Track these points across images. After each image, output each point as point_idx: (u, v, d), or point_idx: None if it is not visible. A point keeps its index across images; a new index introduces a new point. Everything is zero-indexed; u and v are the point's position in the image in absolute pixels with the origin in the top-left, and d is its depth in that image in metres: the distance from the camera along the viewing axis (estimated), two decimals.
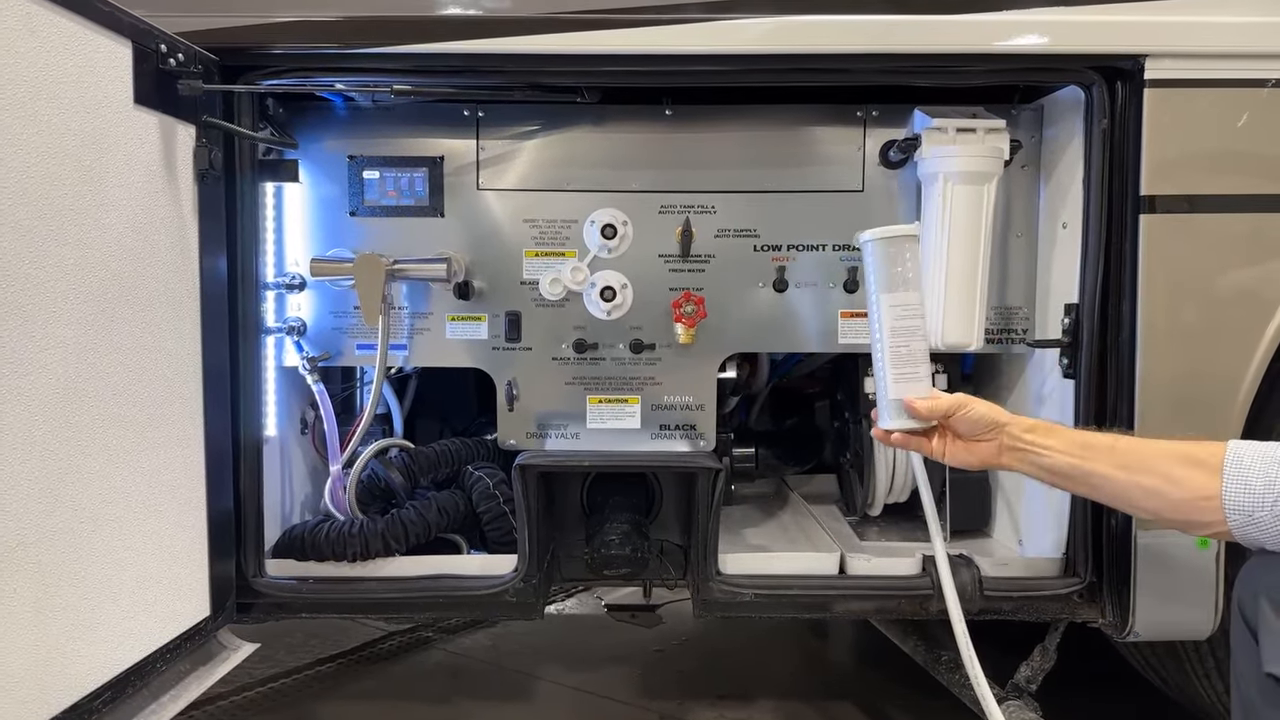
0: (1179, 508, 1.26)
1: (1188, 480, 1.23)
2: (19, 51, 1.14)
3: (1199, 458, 1.24)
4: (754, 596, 1.75)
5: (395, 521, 1.78)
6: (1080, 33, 1.63)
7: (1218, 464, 1.22)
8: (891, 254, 1.46)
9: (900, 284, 1.46)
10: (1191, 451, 1.25)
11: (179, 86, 1.45)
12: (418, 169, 1.80)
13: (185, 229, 1.51)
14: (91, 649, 1.29)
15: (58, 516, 1.21)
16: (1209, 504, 1.22)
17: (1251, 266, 1.65)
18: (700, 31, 1.63)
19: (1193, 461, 1.24)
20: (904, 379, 1.47)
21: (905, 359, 1.47)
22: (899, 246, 1.46)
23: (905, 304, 1.46)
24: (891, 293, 1.47)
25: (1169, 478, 1.25)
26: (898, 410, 1.47)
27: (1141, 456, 1.28)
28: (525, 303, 1.81)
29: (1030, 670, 1.87)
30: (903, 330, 1.47)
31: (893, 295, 1.47)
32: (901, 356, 1.47)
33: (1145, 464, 1.27)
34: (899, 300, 1.47)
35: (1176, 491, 1.25)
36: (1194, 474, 1.23)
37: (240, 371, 1.65)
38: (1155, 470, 1.26)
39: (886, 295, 1.47)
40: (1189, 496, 1.24)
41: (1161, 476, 1.25)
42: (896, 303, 1.47)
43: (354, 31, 1.62)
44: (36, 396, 1.16)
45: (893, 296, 1.47)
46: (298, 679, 2.43)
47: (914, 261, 1.47)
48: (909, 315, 1.47)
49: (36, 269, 1.16)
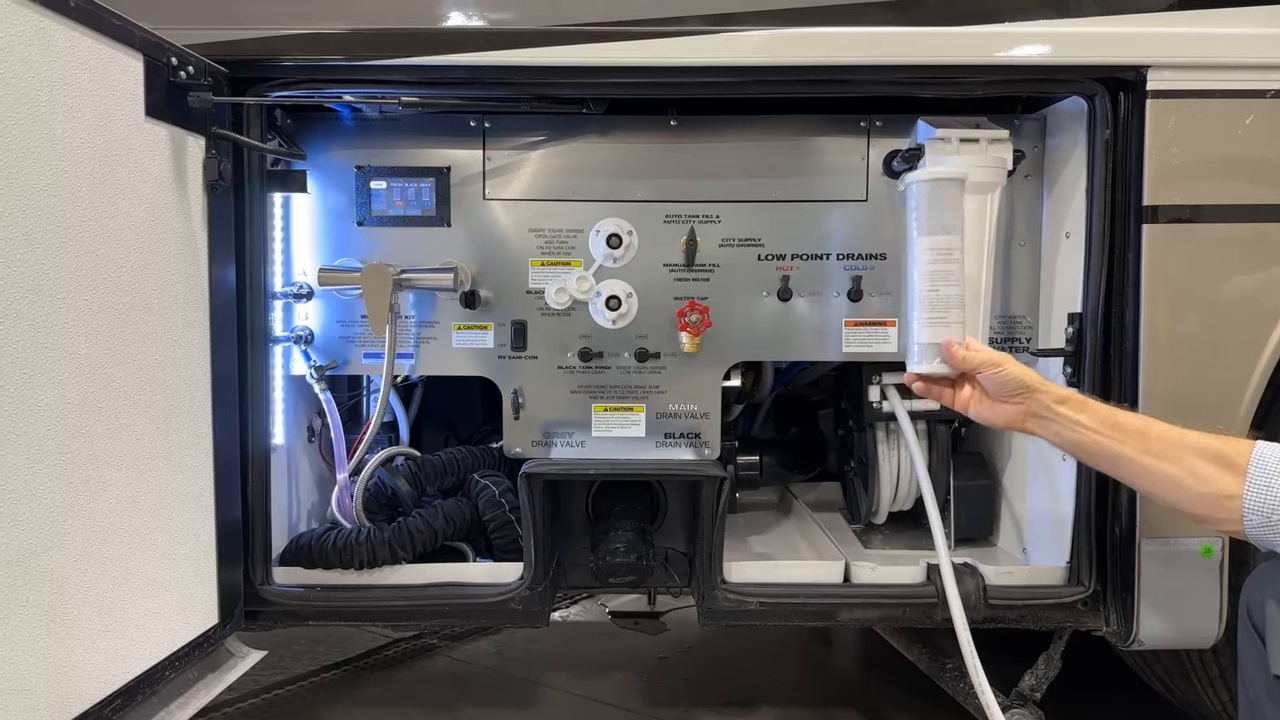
0: (1199, 502, 1.26)
1: (1212, 477, 1.24)
2: (33, 65, 1.15)
3: (1227, 455, 1.24)
4: (759, 605, 1.75)
5: (402, 529, 1.79)
6: (1083, 44, 1.65)
7: (1243, 465, 1.22)
8: (935, 196, 1.44)
9: (940, 227, 1.44)
10: (1220, 448, 1.25)
11: (189, 99, 1.46)
12: (425, 179, 1.81)
13: (195, 239, 1.52)
14: (102, 656, 1.30)
15: (70, 525, 1.22)
16: (1230, 503, 1.22)
17: (1254, 275, 1.66)
18: (705, 44, 1.64)
19: (1220, 459, 1.24)
20: (935, 323, 1.44)
21: (937, 303, 1.45)
22: (943, 189, 1.44)
23: (943, 248, 1.44)
24: (930, 235, 1.44)
25: (1194, 472, 1.25)
26: (926, 354, 1.44)
27: (1170, 445, 1.28)
28: (531, 312, 1.83)
29: (1035, 679, 1.87)
30: (938, 274, 1.44)
31: (932, 238, 1.44)
32: (933, 300, 1.45)
33: (1174, 454, 1.27)
34: (937, 243, 1.44)
35: (1199, 486, 1.25)
36: (1219, 472, 1.23)
37: (248, 380, 1.67)
38: (1181, 462, 1.26)
39: (925, 238, 1.44)
40: (1210, 493, 1.24)
41: (1186, 469, 1.25)
42: (934, 245, 1.44)
43: (361, 44, 1.64)
44: (49, 406, 1.18)
45: (931, 239, 1.44)
46: (303, 686, 2.43)
47: (957, 206, 1.44)
48: (946, 259, 1.44)
49: (49, 280, 1.17)
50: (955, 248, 1.45)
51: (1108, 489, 1.71)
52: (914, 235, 1.47)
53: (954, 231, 1.44)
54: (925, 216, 1.45)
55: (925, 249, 1.45)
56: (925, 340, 1.45)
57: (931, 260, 1.45)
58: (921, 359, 1.45)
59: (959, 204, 1.45)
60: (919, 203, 1.45)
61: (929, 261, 1.45)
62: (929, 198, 1.45)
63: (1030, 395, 1.38)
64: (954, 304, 1.46)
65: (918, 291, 1.46)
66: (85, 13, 1.24)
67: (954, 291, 1.46)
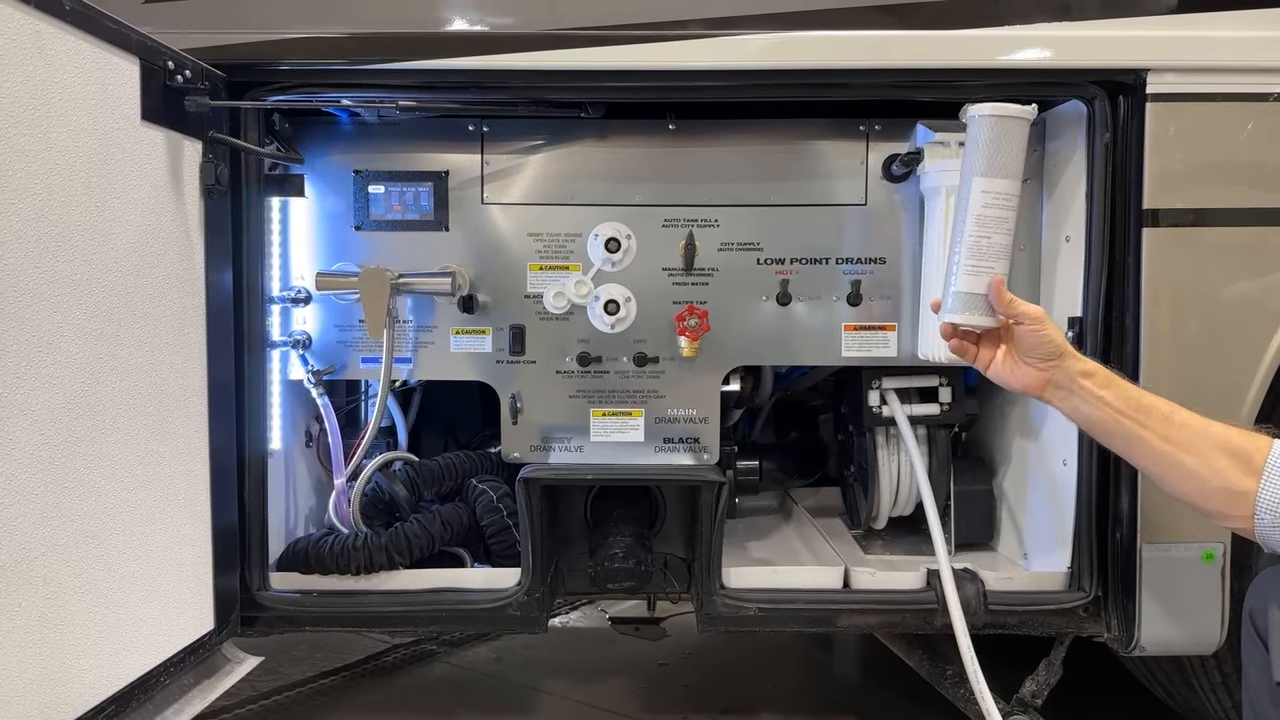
0: (1213, 496, 1.24)
1: (1228, 472, 1.22)
2: (28, 69, 1.15)
3: (1247, 452, 1.22)
4: (758, 610, 1.74)
5: (399, 535, 1.78)
6: (1082, 47, 1.64)
7: (1261, 462, 1.20)
8: (1001, 135, 1.35)
9: (999, 169, 1.35)
10: (1242, 444, 1.23)
11: (186, 103, 1.46)
12: (423, 183, 1.81)
13: (191, 244, 1.52)
14: (96, 662, 1.29)
15: (63, 530, 1.22)
16: (1242, 499, 1.21)
17: (1255, 279, 1.65)
18: (703, 47, 1.64)
19: (1239, 455, 1.22)
20: (980, 271, 1.36)
21: (984, 251, 1.36)
22: (1008, 128, 1.35)
23: (1000, 192, 1.35)
24: (988, 177, 1.35)
25: (1212, 466, 1.23)
26: (967, 304, 1.36)
27: (1194, 435, 1.25)
28: (529, 316, 1.82)
29: (1035, 685, 1.86)
30: (990, 220, 1.35)
31: (989, 180, 1.35)
32: (981, 248, 1.36)
33: (1195, 444, 1.24)
34: (994, 186, 1.35)
35: (1216, 480, 1.23)
36: (1236, 467, 1.22)
37: (245, 385, 1.66)
38: (1202, 454, 1.24)
39: (981, 179, 1.35)
40: (1224, 487, 1.22)
41: (1205, 463, 1.23)
42: (990, 189, 1.35)
43: (359, 48, 1.63)
44: (43, 410, 1.17)
45: (988, 181, 1.35)
46: (301, 692, 2.42)
47: (1020, 149, 1.36)
48: (1001, 205, 1.35)
49: (44, 284, 1.17)
50: (1014, 194, 1.36)
51: (1109, 494, 1.70)
52: (968, 174, 1.37)
53: (1015, 176, 1.35)
54: (987, 156, 1.35)
55: (980, 191, 1.35)
56: (966, 289, 1.36)
57: (986, 204, 1.35)
58: (960, 308, 1.37)
59: (1023, 148, 1.36)
60: (982, 139, 1.35)
61: (983, 205, 1.35)
62: (994, 136, 1.35)
63: (1061, 362, 1.32)
64: (1003, 254, 1.37)
65: (966, 235, 1.37)
66: (81, 16, 1.24)
67: (1005, 240, 1.37)
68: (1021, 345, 1.35)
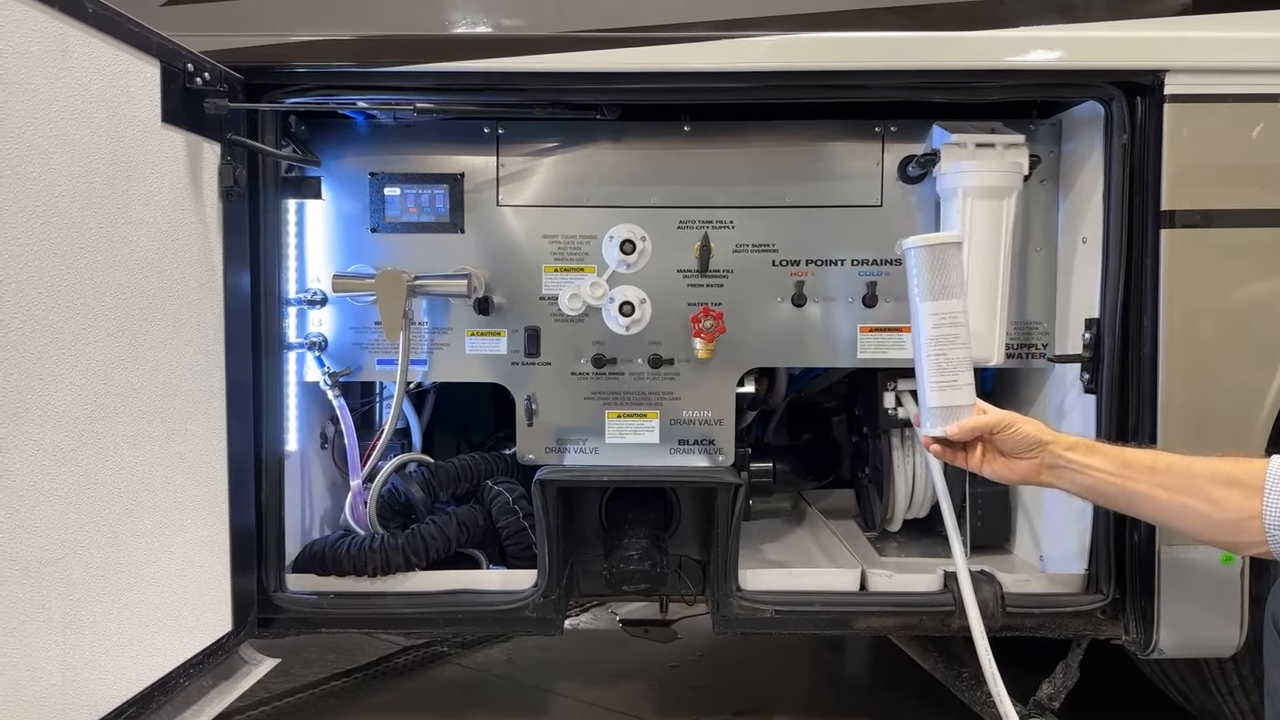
0: (1221, 528, 1.26)
1: (1228, 501, 1.23)
2: (51, 72, 1.15)
3: (1239, 477, 1.23)
4: (774, 613, 1.74)
5: (415, 536, 1.78)
6: (1099, 48, 1.64)
7: (1259, 483, 1.21)
8: (934, 261, 1.45)
9: (942, 292, 1.45)
10: (1232, 472, 1.25)
11: (205, 105, 1.47)
12: (438, 185, 1.81)
13: (210, 246, 1.52)
14: (117, 664, 1.29)
15: (86, 532, 1.22)
16: (1251, 524, 1.22)
17: (1274, 280, 1.64)
18: (718, 49, 1.64)
19: (1233, 482, 1.24)
20: (944, 387, 1.46)
21: (945, 367, 1.46)
22: (941, 254, 1.46)
23: (946, 312, 1.46)
24: (933, 300, 1.46)
25: (1210, 499, 1.25)
26: (940, 418, 1.46)
27: (1183, 476, 1.28)
28: (544, 318, 1.82)
29: (1053, 688, 1.86)
30: (944, 339, 1.46)
31: (934, 303, 1.46)
32: (941, 365, 1.46)
33: (1187, 485, 1.27)
34: (940, 309, 1.46)
35: (1218, 513, 1.24)
36: (1234, 494, 1.23)
37: (262, 387, 1.67)
38: (1197, 491, 1.26)
39: (928, 303, 1.46)
40: (1231, 517, 1.23)
41: (1203, 498, 1.25)
42: (937, 310, 1.46)
43: (376, 50, 1.64)
44: (66, 413, 1.18)
45: (934, 305, 1.46)
46: (314, 693, 2.42)
47: (957, 269, 1.46)
48: (950, 323, 1.46)
49: (67, 286, 1.18)
50: (959, 310, 1.47)
51: None
52: (916, 301, 1.48)
53: (956, 295, 1.46)
54: (927, 282, 1.46)
55: (929, 314, 1.46)
56: (938, 404, 1.46)
57: (936, 325, 1.46)
58: (939, 422, 1.46)
59: (959, 266, 1.47)
60: (919, 268, 1.46)
61: (934, 326, 1.46)
62: (928, 263, 1.46)
63: (1043, 448, 1.39)
64: (963, 365, 1.47)
65: (926, 356, 1.47)
66: (103, 19, 1.24)
67: (962, 353, 1.47)
68: (1004, 447, 1.42)
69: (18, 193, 1.09)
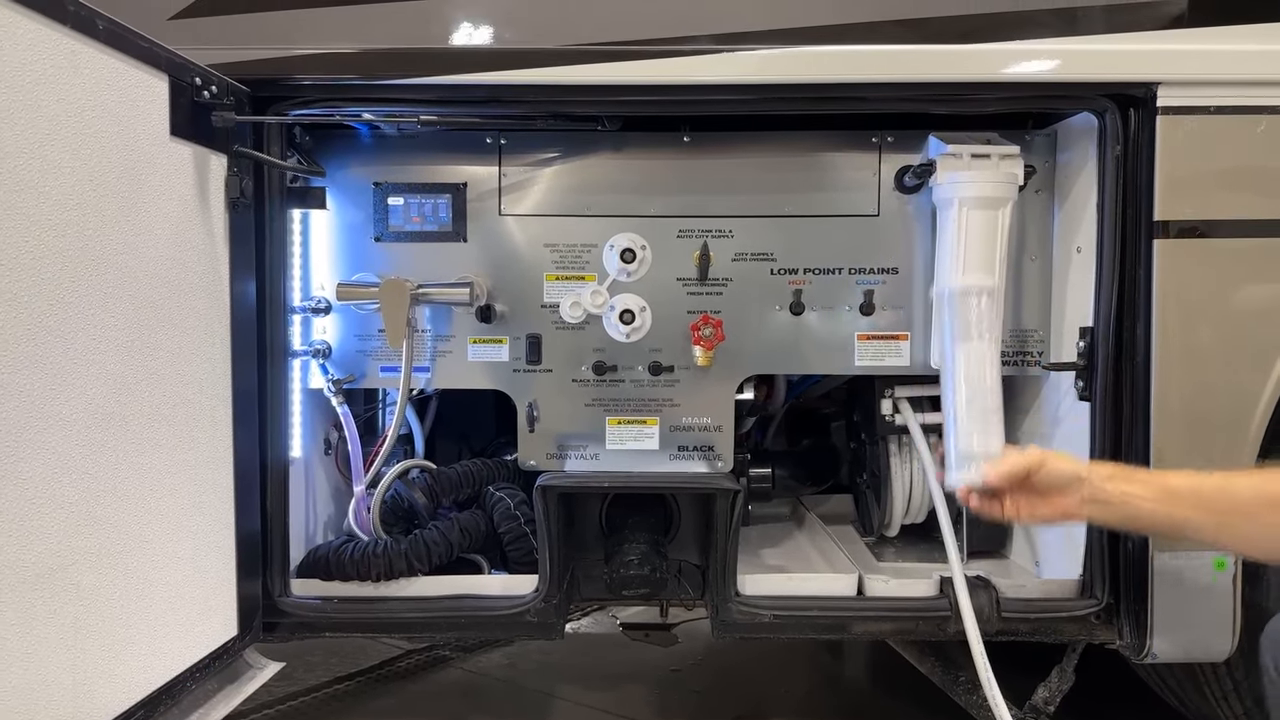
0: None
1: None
2: (63, 87, 1.18)
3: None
4: (773, 617, 1.76)
5: (418, 542, 1.80)
6: (1093, 61, 1.66)
7: None
8: (966, 303, 1.44)
9: (975, 334, 1.44)
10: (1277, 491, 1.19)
11: (213, 118, 1.49)
12: (441, 195, 1.84)
13: (217, 256, 1.54)
14: (125, 669, 1.31)
15: (95, 538, 1.24)
16: None
17: (1265, 290, 1.66)
18: (717, 62, 1.66)
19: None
20: (974, 432, 1.45)
21: (976, 412, 1.44)
22: (974, 296, 1.44)
23: (978, 355, 1.45)
24: (966, 342, 1.44)
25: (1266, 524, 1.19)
26: (973, 464, 1.43)
27: (1231, 500, 1.21)
28: (546, 326, 1.84)
29: (1048, 692, 1.87)
30: (974, 379, 1.44)
31: (966, 344, 1.44)
32: (972, 409, 1.44)
33: (1239, 508, 1.21)
34: (972, 350, 1.44)
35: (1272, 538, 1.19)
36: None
37: (268, 394, 1.69)
38: (1250, 515, 1.20)
39: (961, 344, 1.45)
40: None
41: (1257, 524, 1.19)
42: (969, 352, 1.44)
43: (380, 63, 1.66)
44: (75, 420, 1.20)
45: (966, 346, 1.44)
46: (317, 697, 2.44)
47: (990, 312, 1.44)
48: (981, 365, 1.45)
49: (77, 295, 1.20)
50: (991, 355, 1.45)
51: None
52: (949, 341, 1.45)
53: (987, 338, 1.44)
54: (960, 323, 1.44)
55: (962, 355, 1.45)
56: (971, 450, 1.45)
57: (969, 367, 1.45)
58: (970, 469, 1.43)
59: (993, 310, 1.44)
60: (951, 309, 1.44)
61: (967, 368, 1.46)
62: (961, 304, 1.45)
63: (1084, 481, 1.30)
64: (994, 410, 1.47)
65: (960, 399, 1.46)
66: (113, 35, 1.27)
67: (994, 401, 1.46)
68: (1042, 485, 1.34)
69: (31, 205, 1.12)
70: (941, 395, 1.46)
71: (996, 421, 1.44)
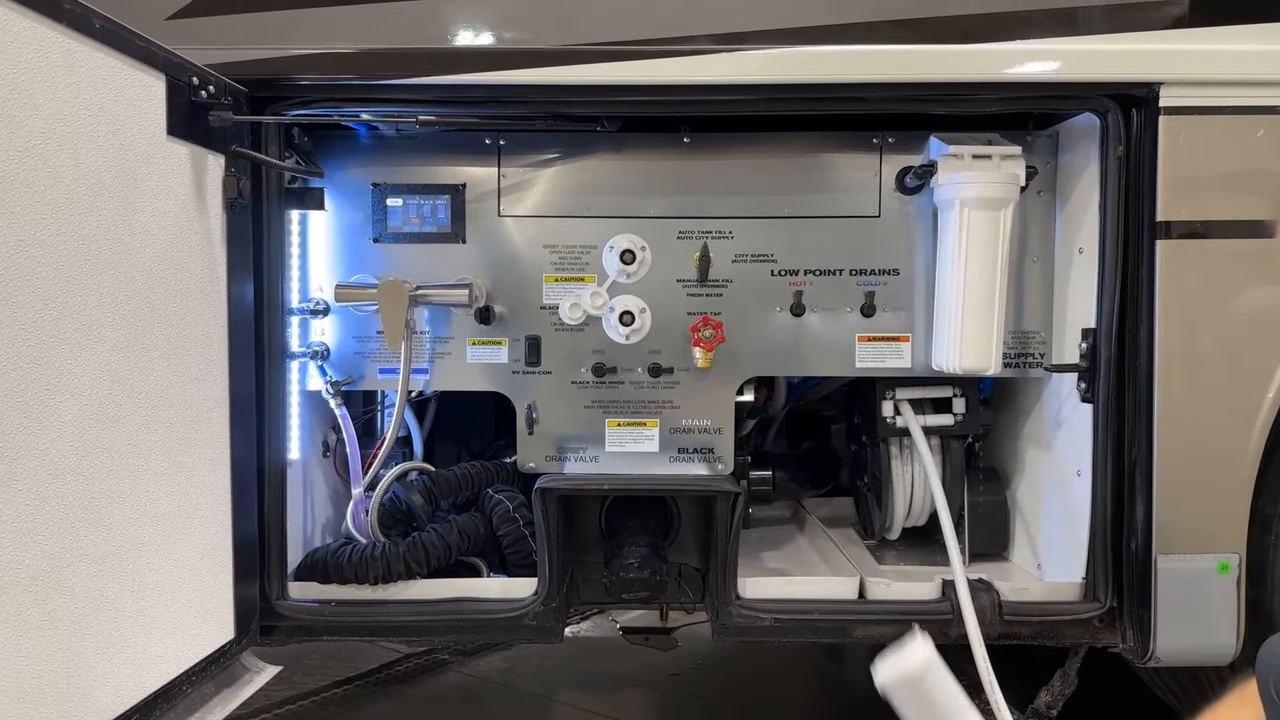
0: None
1: None
2: (59, 86, 1.17)
3: None
4: (773, 621, 1.75)
5: (416, 544, 1.79)
6: (1095, 61, 1.66)
7: None
8: (915, 694, 1.26)
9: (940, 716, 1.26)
10: None
11: (210, 118, 1.48)
12: (440, 196, 1.83)
13: (214, 257, 1.53)
14: (121, 672, 1.30)
15: (91, 540, 1.23)
16: None
17: (1269, 290, 1.66)
18: (717, 62, 1.66)
19: None
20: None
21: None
22: (918, 685, 1.26)
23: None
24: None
25: None
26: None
27: None
28: (545, 327, 1.83)
29: (1050, 695, 1.86)
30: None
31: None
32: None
33: None
34: None
35: None
36: None
37: (265, 396, 1.68)
38: None
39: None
40: None
41: None
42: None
43: (378, 63, 1.65)
44: (72, 422, 1.19)
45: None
46: (315, 701, 2.43)
47: (940, 685, 1.25)
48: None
49: (73, 296, 1.19)
50: None
51: (1123, 504, 1.70)
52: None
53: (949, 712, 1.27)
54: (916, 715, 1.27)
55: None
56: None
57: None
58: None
59: (943, 683, 1.27)
60: (902, 705, 1.27)
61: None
62: (911, 698, 1.27)
63: None
64: None
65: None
66: (110, 34, 1.26)
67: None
68: None
69: (26, 205, 1.11)
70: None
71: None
